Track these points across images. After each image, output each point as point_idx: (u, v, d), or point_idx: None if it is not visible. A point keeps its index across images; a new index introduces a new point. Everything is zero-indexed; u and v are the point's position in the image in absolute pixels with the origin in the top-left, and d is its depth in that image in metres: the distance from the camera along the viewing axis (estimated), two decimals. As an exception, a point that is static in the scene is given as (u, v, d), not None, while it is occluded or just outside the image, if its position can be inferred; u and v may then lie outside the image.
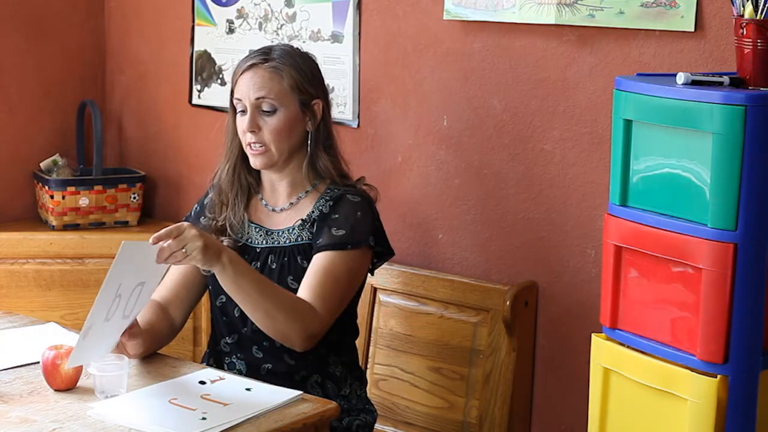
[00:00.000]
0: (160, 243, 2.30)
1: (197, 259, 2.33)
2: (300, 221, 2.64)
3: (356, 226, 2.59)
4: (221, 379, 2.38)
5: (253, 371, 2.60)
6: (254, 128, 2.60)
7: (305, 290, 2.52)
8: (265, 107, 2.60)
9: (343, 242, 2.57)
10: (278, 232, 2.66)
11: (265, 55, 2.63)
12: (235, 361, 2.66)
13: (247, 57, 2.65)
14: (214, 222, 2.70)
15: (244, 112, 2.62)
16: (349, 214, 2.60)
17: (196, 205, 2.81)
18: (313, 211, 2.63)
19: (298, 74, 2.63)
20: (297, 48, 2.70)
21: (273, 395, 2.28)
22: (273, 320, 2.44)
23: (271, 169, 2.66)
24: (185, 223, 2.35)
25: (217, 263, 2.36)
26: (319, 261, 2.56)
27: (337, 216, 2.60)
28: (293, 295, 2.51)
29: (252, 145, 2.62)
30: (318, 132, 2.67)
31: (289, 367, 2.61)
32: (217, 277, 2.41)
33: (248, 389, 2.33)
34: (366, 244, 2.60)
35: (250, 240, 2.68)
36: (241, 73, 2.62)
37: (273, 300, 2.44)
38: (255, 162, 2.64)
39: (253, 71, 2.61)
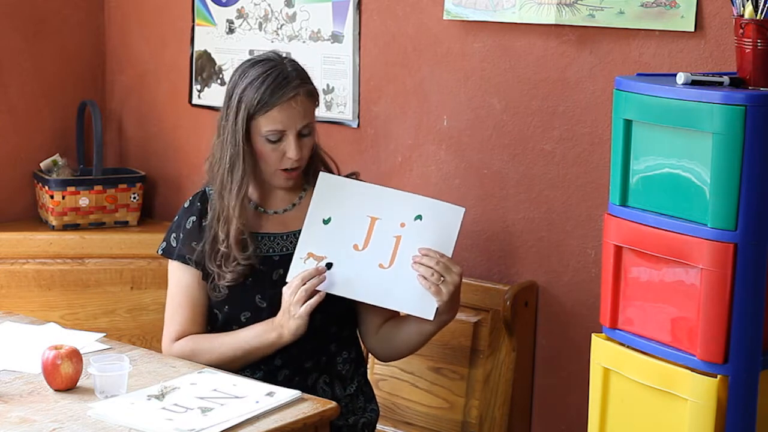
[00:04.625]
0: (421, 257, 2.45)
1: (444, 294, 2.45)
2: None
3: None
4: (214, 378, 2.38)
5: (270, 379, 2.55)
6: (301, 154, 2.56)
7: None
8: (305, 131, 2.56)
9: None
10: (292, 235, 2.61)
11: (300, 78, 2.54)
12: (256, 372, 2.60)
13: (279, 83, 2.52)
14: (217, 250, 2.57)
15: (276, 138, 2.54)
16: None
17: (173, 234, 2.68)
18: None
19: (314, 87, 2.60)
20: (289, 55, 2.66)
21: (272, 394, 2.28)
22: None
23: None
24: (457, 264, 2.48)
25: (449, 313, 2.53)
26: None
27: None
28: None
29: (290, 169, 2.57)
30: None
31: (303, 372, 2.59)
32: (432, 326, 2.57)
33: (235, 385, 2.33)
34: None
35: (259, 250, 2.58)
36: (280, 103, 2.51)
37: None
38: (288, 183, 2.61)
39: (297, 100, 2.53)
